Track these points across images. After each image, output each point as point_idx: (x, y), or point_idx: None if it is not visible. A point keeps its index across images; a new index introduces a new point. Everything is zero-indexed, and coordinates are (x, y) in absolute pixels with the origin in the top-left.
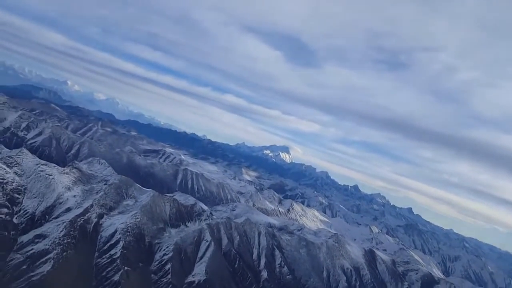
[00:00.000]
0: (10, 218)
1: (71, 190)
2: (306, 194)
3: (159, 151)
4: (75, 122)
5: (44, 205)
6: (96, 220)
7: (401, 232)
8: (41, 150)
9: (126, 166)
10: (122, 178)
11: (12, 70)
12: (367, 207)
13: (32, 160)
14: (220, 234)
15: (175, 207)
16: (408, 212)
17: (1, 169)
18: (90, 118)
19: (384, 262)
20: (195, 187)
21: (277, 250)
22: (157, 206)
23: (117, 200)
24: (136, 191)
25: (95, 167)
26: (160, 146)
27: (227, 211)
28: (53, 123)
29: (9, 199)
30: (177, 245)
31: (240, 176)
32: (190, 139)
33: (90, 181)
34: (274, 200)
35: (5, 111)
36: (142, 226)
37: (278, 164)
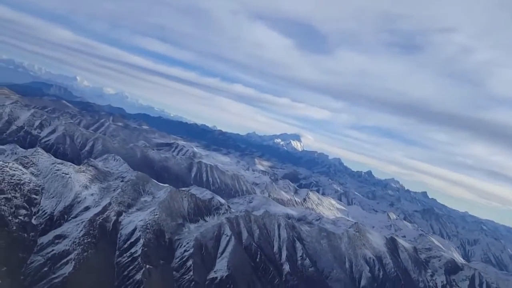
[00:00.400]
0: (28, 219)
1: (89, 189)
2: (321, 182)
3: (171, 144)
4: (87, 118)
5: (62, 204)
6: (115, 218)
7: (418, 217)
8: (55, 148)
9: (140, 161)
10: (138, 174)
11: (22, 68)
12: (382, 193)
13: (48, 160)
14: (240, 227)
15: (193, 202)
16: (423, 196)
17: (18, 170)
18: (102, 114)
19: (406, 250)
20: (210, 179)
21: (298, 242)
22: (175, 202)
23: (134, 197)
24: (153, 187)
25: (111, 164)
26: (172, 139)
27: (244, 203)
28: (66, 120)
29: (27, 200)
30: (198, 240)
31: (253, 167)
32: (201, 131)
33: (106, 178)
34: (289, 190)
35: (17, 110)
36: (161, 222)
37: (290, 153)
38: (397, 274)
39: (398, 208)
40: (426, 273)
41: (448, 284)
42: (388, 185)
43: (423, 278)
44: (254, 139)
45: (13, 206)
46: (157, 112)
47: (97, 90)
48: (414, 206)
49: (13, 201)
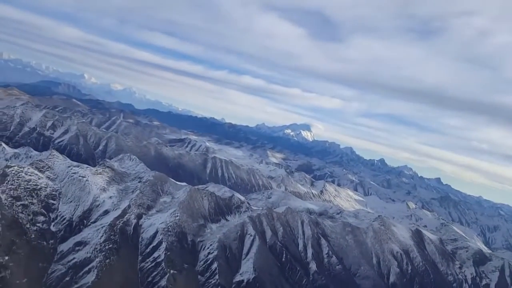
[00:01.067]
0: (47, 226)
1: (106, 191)
2: (335, 172)
3: (184, 140)
4: (98, 116)
5: (81, 209)
6: (135, 221)
7: (436, 205)
8: (69, 148)
9: (155, 158)
10: (156, 174)
11: (29, 67)
12: (398, 181)
13: (63, 163)
14: (263, 226)
15: (213, 201)
16: (437, 183)
17: (33, 174)
18: (112, 111)
19: (433, 242)
20: (226, 175)
21: (323, 239)
22: (195, 202)
23: (153, 198)
24: (171, 187)
25: (127, 164)
26: (183, 134)
27: (263, 199)
28: (78, 119)
29: (44, 206)
30: (221, 242)
31: (266, 159)
32: (211, 124)
33: (123, 179)
34: (306, 182)
35: (29, 111)
36: (182, 224)
37: (301, 143)
38: (425, 268)
39: (415, 197)
40: (454, 266)
41: (477, 276)
42: (402, 173)
43: (452, 271)
44: (264, 131)
45: (30, 213)
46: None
47: (105, 86)
48: (431, 194)
49: (30, 207)
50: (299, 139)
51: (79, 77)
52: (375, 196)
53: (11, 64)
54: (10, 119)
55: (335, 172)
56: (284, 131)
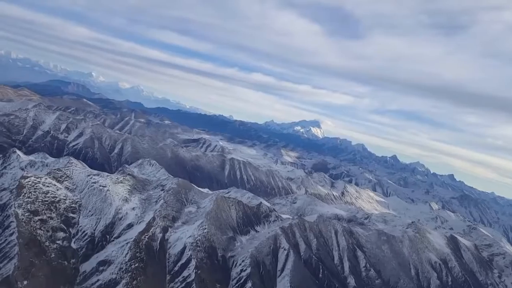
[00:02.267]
0: (68, 243)
1: (129, 202)
2: (352, 171)
3: (198, 140)
4: (111, 117)
5: (103, 223)
6: (161, 235)
7: (456, 205)
8: (84, 152)
9: (171, 161)
10: (179, 181)
11: (38, 66)
12: (414, 179)
13: (82, 171)
14: (296, 238)
15: (241, 210)
16: (450, 179)
17: (51, 185)
18: (123, 111)
19: (469, 249)
20: (244, 177)
21: (359, 250)
22: (222, 212)
23: (178, 208)
24: (196, 195)
25: (147, 170)
26: (194, 133)
27: (287, 204)
28: (92, 121)
29: (64, 221)
30: (254, 257)
31: (280, 158)
32: (221, 122)
33: (145, 187)
34: (325, 183)
35: (42, 113)
36: (211, 237)
37: (311, 140)
38: (465, 278)
39: (435, 196)
40: (493, 274)
41: None
42: (416, 170)
43: (491, 280)
44: (273, 128)
45: (49, 228)
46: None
47: (113, 85)
48: (449, 192)
49: (49, 222)
50: (309, 136)
51: (87, 75)
52: (395, 197)
53: (19, 63)
54: (23, 122)
55: (352, 171)
56: (293, 128)
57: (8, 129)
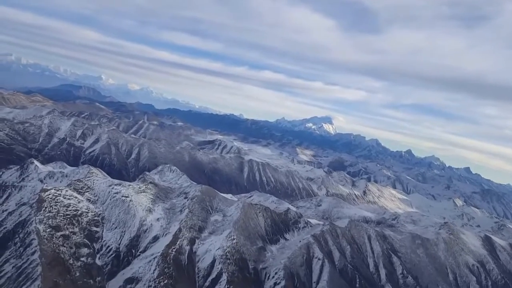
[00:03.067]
0: (92, 259)
1: (153, 212)
2: (369, 168)
3: (214, 142)
4: (125, 121)
5: (128, 236)
6: (189, 248)
7: (478, 199)
8: (101, 159)
9: (189, 164)
10: (203, 188)
11: (48, 71)
12: (432, 174)
13: (103, 181)
14: (329, 246)
15: (269, 218)
16: (467, 172)
17: (72, 198)
18: (136, 113)
19: (505, 249)
20: (264, 179)
21: (394, 256)
22: (250, 220)
23: (204, 217)
24: (221, 203)
25: (168, 177)
26: (208, 133)
27: (312, 207)
28: (107, 126)
29: (87, 235)
30: (287, 268)
31: (296, 157)
32: (232, 122)
33: (168, 196)
34: (346, 182)
35: (57, 120)
36: (241, 248)
37: (324, 137)
38: (504, 281)
39: (456, 191)
40: None
41: None
42: (432, 164)
43: None
44: (285, 125)
45: (72, 245)
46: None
47: (123, 87)
48: (469, 187)
49: (72, 238)
50: (321, 132)
51: (96, 78)
52: (417, 194)
53: (30, 68)
54: (38, 130)
55: (369, 168)
56: (305, 124)
57: (24, 137)
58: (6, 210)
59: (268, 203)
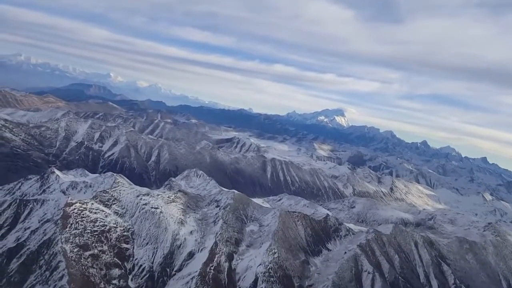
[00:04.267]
0: (125, 282)
1: (185, 224)
2: (389, 162)
3: (232, 140)
4: (140, 121)
5: (161, 253)
6: (227, 264)
7: (504, 192)
8: (121, 162)
9: (211, 166)
10: (235, 195)
11: (58, 70)
12: (452, 166)
13: (130, 191)
14: (376, 256)
15: (308, 226)
16: (484, 162)
17: (99, 211)
18: (149, 112)
19: None
20: (288, 179)
21: (444, 264)
22: (289, 230)
23: (239, 228)
24: (255, 210)
25: (195, 182)
26: (222, 130)
27: (344, 209)
28: (125, 128)
29: (117, 254)
30: (336, 285)
31: (314, 153)
32: (245, 117)
33: (198, 204)
34: (372, 179)
35: (73, 123)
36: (283, 263)
37: (337, 130)
38: None
39: (480, 184)
40: None
41: None
42: (449, 155)
43: None
44: (296, 119)
45: (102, 265)
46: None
47: (131, 84)
48: (492, 178)
49: (102, 258)
50: (334, 125)
51: (105, 76)
52: (444, 189)
53: (40, 68)
54: (55, 134)
55: (389, 161)
56: (317, 118)
57: (40, 142)
58: (29, 228)
59: (300, 207)
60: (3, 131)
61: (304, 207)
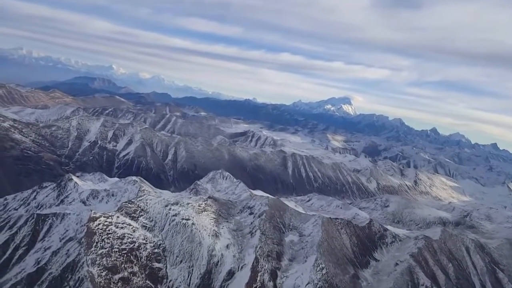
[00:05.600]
0: None
1: (220, 237)
2: (405, 152)
3: (246, 134)
4: (150, 115)
5: (197, 273)
6: (272, 284)
7: None
8: (137, 162)
9: (230, 163)
10: (270, 201)
11: (60, 64)
12: (468, 154)
13: (158, 200)
14: (430, 266)
15: (353, 235)
16: (494, 148)
17: (126, 225)
18: (157, 105)
19: None
20: (310, 174)
21: (499, 271)
22: (333, 240)
23: (278, 239)
24: (293, 218)
25: (222, 185)
26: (232, 122)
27: (377, 208)
28: (139, 124)
29: (149, 275)
30: None
31: (328, 144)
32: (252, 107)
33: (230, 212)
34: (395, 172)
35: (85, 121)
36: (332, 280)
37: (345, 119)
38: None
39: (500, 173)
40: None
41: None
42: (461, 142)
43: None
44: (302, 108)
45: None
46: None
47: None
48: (510, 167)
49: (133, 281)
50: (341, 114)
51: (108, 68)
52: (467, 180)
53: (42, 62)
54: (67, 134)
55: (405, 151)
56: (323, 106)
57: (52, 143)
58: (49, 248)
59: (333, 208)
60: (12, 132)
61: (337, 209)
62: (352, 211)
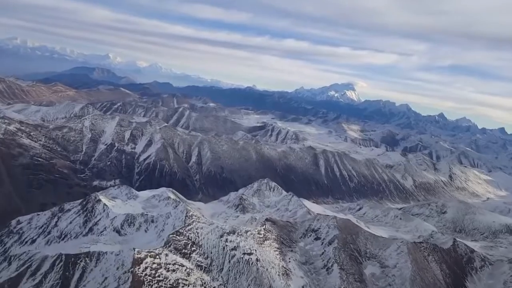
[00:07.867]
0: None
1: (291, 276)
2: (425, 141)
3: (265, 127)
4: (162, 110)
5: None
6: None
7: None
8: (159, 167)
9: (259, 164)
10: (339, 222)
11: (56, 53)
12: (484, 142)
13: (210, 229)
14: None
15: (442, 261)
16: (501, 133)
17: (177, 266)
18: (164, 96)
19: None
20: (344, 173)
21: None
22: (424, 271)
23: (358, 272)
24: (369, 243)
25: (270, 198)
26: (243, 113)
27: (433, 214)
28: (158, 123)
29: None
30: None
31: (345, 134)
32: (258, 96)
33: (291, 236)
34: (428, 166)
35: (99, 121)
36: None
37: (351, 105)
38: None
39: None
40: None
41: None
42: (471, 128)
43: None
44: (305, 95)
45: None
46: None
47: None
48: None
49: None
50: (346, 100)
51: (104, 57)
52: (500, 172)
53: (38, 52)
54: (80, 136)
55: (424, 140)
56: (327, 93)
57: (64, 147)
58: None
59: (391, 219)
60: (19, 136)
61: (396, 220)
62: (414, 222)
